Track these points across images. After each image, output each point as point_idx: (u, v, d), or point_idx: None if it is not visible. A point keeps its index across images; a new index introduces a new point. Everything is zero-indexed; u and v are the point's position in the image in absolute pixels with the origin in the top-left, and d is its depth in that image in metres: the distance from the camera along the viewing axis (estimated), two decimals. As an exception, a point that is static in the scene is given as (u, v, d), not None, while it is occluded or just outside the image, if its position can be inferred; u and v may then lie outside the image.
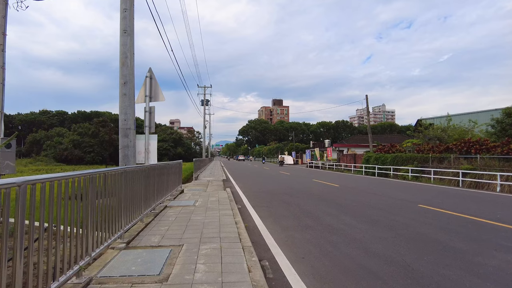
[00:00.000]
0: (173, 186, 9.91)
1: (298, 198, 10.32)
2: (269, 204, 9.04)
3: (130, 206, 4.99)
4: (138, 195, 5.46)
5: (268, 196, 11.02)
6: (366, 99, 30.61)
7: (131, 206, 5.07)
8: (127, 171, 4.70)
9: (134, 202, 5.23)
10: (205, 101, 36.02)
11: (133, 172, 5.09)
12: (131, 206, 5.07)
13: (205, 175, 22.39)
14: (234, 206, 7.98)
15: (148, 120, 6.51)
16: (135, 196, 5.25)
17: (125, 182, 4.71)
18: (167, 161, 49.99)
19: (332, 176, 22.61)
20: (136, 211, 5.35)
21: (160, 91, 6.63)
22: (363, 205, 8.98)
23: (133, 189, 5.15)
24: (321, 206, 8.68)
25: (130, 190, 4.99)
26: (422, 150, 21.80)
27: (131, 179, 5.03)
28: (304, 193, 11.87)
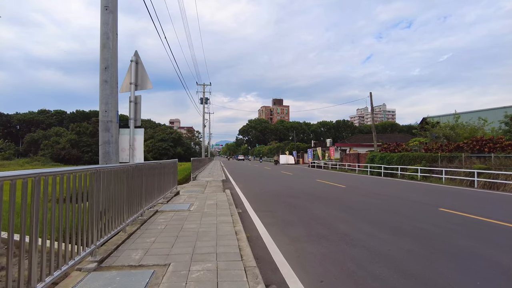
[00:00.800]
0: (167, 187, 8.99)
1: (304, 201, 9.40)
2: (273, 208, 8.11)
3: (107, 213, 4.07)
4: (119, 200, 4.54)
5: (271, 198, 10.10)
6: (370, 97, 29.68)
7: (109, 213, 4.15)
8: (100, 171, 3.78)
9: (114, 208, 4.32)
10: (204, 99, 35.04)
11: (111, 173, 4.16)
12: (109, 213, 4.15)
13: (204, 175, 21.47)
14: (234, 210, 7.05)
15: (134, 111, 5.59)
16: (114, 201, 4.33)
17: (100, 184, 3.80)
18: None
19: (336, 176, 21.68)
20: (116, 219, 4.43)
21: (148, 77, 5.71)
22: (377, 208, 8.05)
23: (112, 192, 4.23)
24: (331, 210, 7.76)
25: (108, 194, 4.07)
26: (430, 149, 20.88)
27: (109, 180, 4.11)
28: (310, 194, 10.94)
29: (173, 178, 10.17)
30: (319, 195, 10.75)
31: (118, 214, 4.57)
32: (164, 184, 8.37)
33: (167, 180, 8.95)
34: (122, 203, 4.67)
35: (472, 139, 18.07)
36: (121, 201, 4.65)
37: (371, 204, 8.76)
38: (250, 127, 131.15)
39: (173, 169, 10.01)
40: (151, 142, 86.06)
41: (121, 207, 4.65)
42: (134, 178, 5.27)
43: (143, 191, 5.90)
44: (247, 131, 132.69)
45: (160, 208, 7.36)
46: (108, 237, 4.16)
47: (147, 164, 6.34)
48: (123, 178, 4.68)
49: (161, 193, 7.97)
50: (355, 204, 8.74)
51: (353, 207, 8.24)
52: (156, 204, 7.63)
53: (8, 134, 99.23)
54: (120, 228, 4.58)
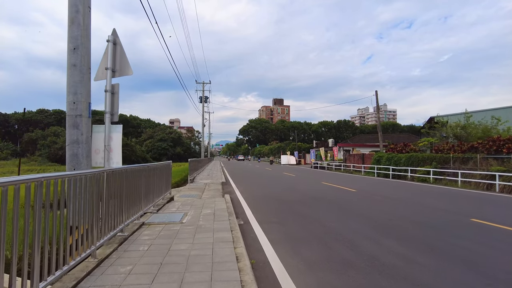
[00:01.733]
0: (158, 194, 7.90)
1: (314, 208, 8.31)
2: (280, 218, 7.02)
3: (73, 232, 3.01)
4: (89, 215, 3.48)
5: (276, 205, 9.01)
6: (376, 96, 28.60)
7: (78, 231, 3.09)
8: (65, 179, 2.71)
9: (83, 225, 3.25)
10: (203, 98, 33.91)
11: (76, 181, 3.09)
12: (78, 231, 3.09)
13: (203, 177, 20.39)
14: (234, 223, 5.96)
15: (110, 103, 4.50)
16: (84, 217, 3.27)
17: (65, 195, 2.73)
18: (165, 161, 47.27)
19: (343, 178, 20.59)
20: (85, 239, 3.38)
21: (128, 62, 4.61)
22: (399, 219, 6.96)
23: (77, 207, 3.17)
24: (347, 221, 6.67)
25: (74, 208, 3.01)
26: (441, 150, 19.78)
27: (75, 191, 3.05)
28: (319, 200, 9.85)
29: (166, 182, 9.08)
30: (330, 201, 9.65)
31: (89, 233, 3.51)
32: (154, 191, 7.28)
33: (158, 186, 7.86)
34: (91, 220, 3.60)
35: (487, 139, 16.97)
36: (91, 217, 3.58)
37: (391, 213, 7.67)
38: (250, 127, 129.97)
39: (166, 172, 8.92)
40: (150, 142, 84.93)
41: (92, 224, 3.58)
42: (111, 186, 4.19)
43: (124, 203, 4.81)
44: (247, 131, 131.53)
45: (148, 219, 6.28)
46: (67, 269, 3.10)
47: (130, 169, 5.25)
48: (94, 188, 3.61)
49: (150, 201, 6.89)
50: (372, 213, 7.65)
51: (372, 217, 7.15)
52: (145, 214, 6.55)
53: (6, 134, 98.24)
54: (86, 254, 3.50)
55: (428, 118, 30.12)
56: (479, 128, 20.72)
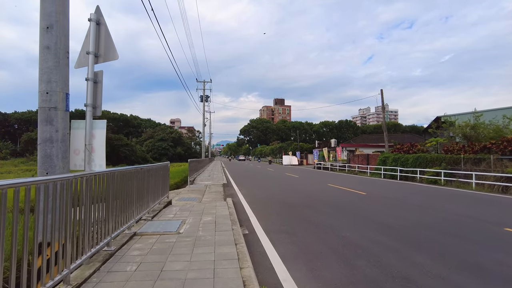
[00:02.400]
0: (154, 198, 7.18)
1: (325, 214, 7.57)
2: (289, 227, 6.28)
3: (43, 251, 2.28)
4: (63, 229, 2.76)
5: (282, 209, 8.27)
6: (381, 94, 27.82)
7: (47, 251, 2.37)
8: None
9: (59, 241, 2.53)
10: (204, 97, 33.15)
11: (48, 188, 2.36)
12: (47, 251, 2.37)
13: (203, 178, 19.66)
14: (238, 234, 5.23)
15: (92, 94, 3.77)
16: (59, 232, 2.54)
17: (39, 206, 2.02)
18: (166, 161, 46.68)
19: (349, 179, 19.83)
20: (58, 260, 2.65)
21: (113, 44, 3.89)
22: (423, 227, 6.22)
23: (51, 221, 2.45)
24: (365, 230, 5.93)
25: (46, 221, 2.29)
26: (450, 150, 19.01)
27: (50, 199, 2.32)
28: (329, 204, 9.11)
29: (164, 185, 8.35)
30: (340, 206, 8.91)
31: (66, 250, 2.80)
32: (149, 195, 6.56)
33: (154, 189, 7.14)
34: (67, 235, 2.88)
35: (501, 139, 16.21)
36: (66, 232, 2.86)
37: (410, 220, 6.92)
38: (251, 127, 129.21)
39: (163, 174, 8.19)
40: (150, 142, 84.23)
41: (69, 239, 2.86)
42: (94, 193, 3.47)
43: (111, 212, 4.09)
44: (248, 131, 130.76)
45: (140, 228, 5.55)
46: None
47: (119, 172, 4.53)
48: (69, 196, 2.89)
49: (144, 207, 6.17)
50: (389, 219, 6.90)
51: (390, 225, 6.41)
52: (137, 222, 5.82)
53: (6, 133, 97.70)
54: (55, 281, 2.77)
55: (435, 117, 29.35)
56: (490, 128, 19.95)
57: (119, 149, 67.74)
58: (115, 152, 66.87)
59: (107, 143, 23.28)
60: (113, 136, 67.47)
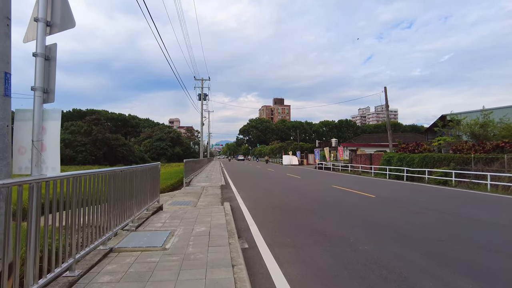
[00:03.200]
0: (141, 204, 6.29)
1: (335, 222, 6.68)
2: (295, 238, 5.39)
3: None
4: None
5: (286, 216, 7.38)
6: (385, 92, 26.97)
7: None
8: None
9: None
10: (202, 95, 32.21)
11: None
12: None
13: (200, 179, 18.77)
14: (236, 250, 4.33)
15: (43, 74, 2.85)
16: None
17: None
18: (164, 162, 46.61)
19: (353, 180, 18.95)
20: None
21: (70, 10, 3.00)
22: (452, 239, 5.34)
23: None
24: (384, 243, 5.05)
25: None
26: (460, 150, 18.16)
27: None
28: (336, 210, 8.23)
29: (153, 189, 7.44)
30: (350, 211, 8.02)
31: None
32: (134, 201, 5.67)
33: (141, 194, 6.24)
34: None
35: (515, 137, 15.37)
36: None
37: (437, 230, 6.04)
38: (251, 126, 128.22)
39: (152, 176, 7.29)
40: (148, 141, 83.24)
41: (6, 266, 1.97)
42: (51, 205, 2.59)
43: (73, 225, 3.20)
44: (247, 131, 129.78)
45: (119, 242, 4.65)
46: None
47: (89, 175, 3.65)
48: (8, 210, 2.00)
49: (127, 216, 5.28)
50: (412, 230, 6.02)
51: (413, 235, 5.53)
52: (117, 233, 4.94)
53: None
54: None
55: (440, 116, 28.51)
56: (501, 126, 19.10)
57: (117, 149, 66.86)
58: (113, 152, 66.02)
59: (104, 143, 22.07)
60: (110, 136, 66.60)
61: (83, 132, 63.61)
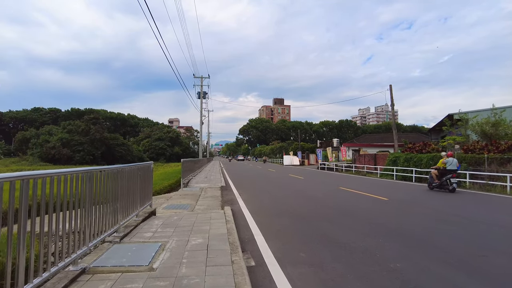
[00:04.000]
0: (129, 209, 5.41)
1: (354, 232, 5.79)
2: (312, 254, 4.50)
3: None
4: None
5: (295, 224, 6.50)
6: (390, 90, 26.12)
7: None
8: None
9: None
10: (201, 93, 31.33)
11: None
12: None
13: (199, 180, 17.89)
14: (241, 270, 3.45)
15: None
16: None
17: None
18: (163, 161, 45.37)
19: (359, 181, 18.09)
20: None
21: None
22: (492, 251, 4.48)
23: None
24: (422, 260, 4.17)
25: None
26: (471, 150, 17.31)
27: None
28: (351, 216, 7.35)
29: (145, 192, 6.56)
30: (368, 218, 7.14)
31: None
32: (120, 207, 4.79)
33: (129, 198, 5.36)
34: None
35: (533, 137, 14.52)
36: None
37: (472, 243, 5.17)
38: (250, 126, 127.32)
39: (143, 178, 6.41)
40: (147, 141, 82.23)
41: None
42: None
43: (20, 244, 2.33)
44: (247, 131, 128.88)
45: (96, 259, 3.77)
46: None
47: (56, 175, 2.78)
48: None
49: (110, 224, 4.40)
50: (443, 241, 5.14)
51: (450, 250, 4.66)
52: (97, 245, 4.07)
53: (0, 133, 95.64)
54: None
55: (446, 115, 27.66)
56: (514, 125, 18.27)
57: (115, 149, 65.86)
58: (111, 152, 65.02)
59: (102, 142, 20.81)
60: (108, 136, 65.59)
61: (81, 132, 62.72)
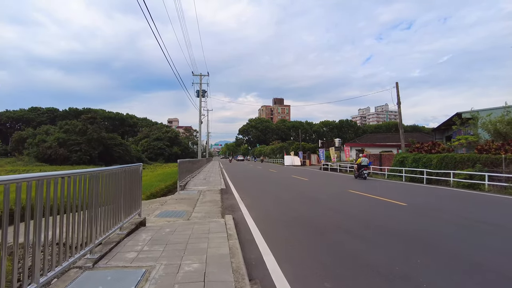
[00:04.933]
0: (111, 221, 4.39)
1: (383, 249, 4.78)
2: (340, 284, 3.51)
3: None
4: None
5: (312, 238, 5.48)
6: (397, 88, 25.16)
7: None
8: None
9: None
10: (200, 91, 30.32)
11: None
12: None
13: (198, 181, 16.86)
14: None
15: None
16: None
17: None
18: (162, 162, 43.82)
19: (368, 184, 17.09)
20: None
21: None
22: None
23: None
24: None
25: None
26: (486, 150, 16.35)
27: None
28: (374, 227, 6.34)
29: (132, 199, 5.54)
30: (394, 230, 6.13)
31: None
32: (95, 220, 3.78)
33: (113, 207, 4.35)
34: None
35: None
36: None
37: (507, 261, 4.18)
38: (250, 126, 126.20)
39: (130, 183, 5.39)
40: (146, 141, 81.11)
41: None
42: None
43: None
44: (247, 131, 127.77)
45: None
46: None
47: None
48: None
49: (85, 243, 3.39)
50: (498, 264, 4.15)
51: (496, 269, 3.66)
52: (64, 272, 3.05)
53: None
54: None
55: (454, 113, 26.66)
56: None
57: (113, 149, 64.72)
58: (109, 152, 63.87)
59: (99, 142, 19.29)
60: (106, 135, 64.47)
61: (78, 131, 61.63)
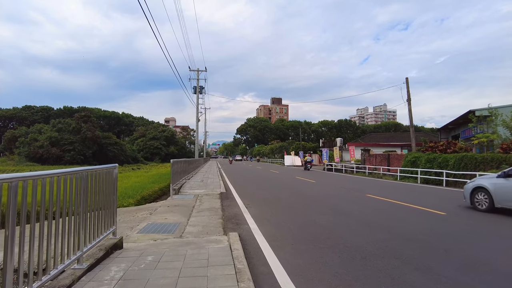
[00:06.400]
0: (67, 249, 2.79)
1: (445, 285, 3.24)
2: None
3: None
4: None
5: (358, 273, 3.91)
6: (407, 83, 23.66)
7: None
8: None
9: None
10: (198, 87, 28.69)
11: None
12: None
13: (194, 184, 15.23)
14: None
15: None
16: None
17: None
18: (159, 161, 41.40)
19: (382, 186, 15.55)
20: None
21: None
22: None
23: None
24: None
25: None
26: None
27: None
28: (435, 252, 4.78)
29: (103, 213, 3.93)
30: (457, 253, 4.57)
31: None
32: (39, 246, 2.18)
33: (67, 229, 2.75)
34: None
35: None
36: None
37: None
38: (248, 125, 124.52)
39: (100, 191, 3.78)
40: (142, 140, 79.19)
41: None
42: None
43: None
44: (245, 130, 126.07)
45: None
46: None
47: None
48: None
49: None
50: None
51: None
52: None
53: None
54: None
55: (467, 111, 25.29)
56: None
57: (108, 148, 62.77)
58: (103, 152, 61.93)
59: (93, 141, 16.93)
60: (101, 134, 62.56)
61: (71, 130, 59.68)
